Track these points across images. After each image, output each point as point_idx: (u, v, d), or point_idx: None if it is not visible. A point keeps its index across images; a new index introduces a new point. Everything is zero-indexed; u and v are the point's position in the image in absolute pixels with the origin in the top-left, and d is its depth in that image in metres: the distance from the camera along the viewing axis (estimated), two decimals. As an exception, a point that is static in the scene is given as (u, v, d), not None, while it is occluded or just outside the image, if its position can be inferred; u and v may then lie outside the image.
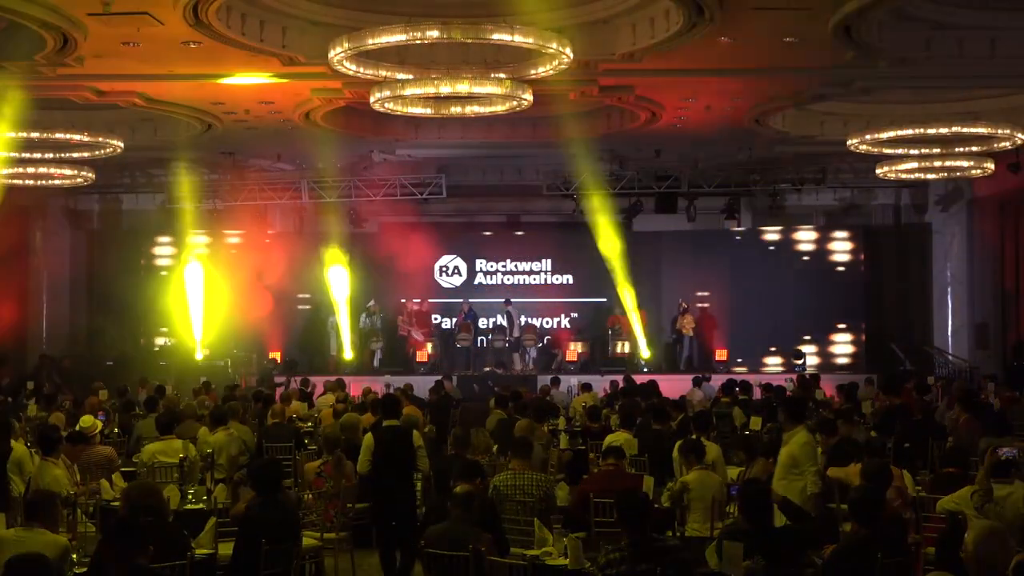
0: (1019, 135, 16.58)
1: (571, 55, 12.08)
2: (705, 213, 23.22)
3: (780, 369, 23.29)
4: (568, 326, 24.27)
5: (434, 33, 11.47)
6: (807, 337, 23.82)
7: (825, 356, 23.94)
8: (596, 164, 21.21)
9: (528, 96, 13.51)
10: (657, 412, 11.94)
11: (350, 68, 12.59)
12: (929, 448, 11.73)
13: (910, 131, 16.56)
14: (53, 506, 6.72)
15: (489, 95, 13.78)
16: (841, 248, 24.40)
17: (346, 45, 11.77)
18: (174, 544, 6.56)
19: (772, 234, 24.50)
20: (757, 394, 16.58)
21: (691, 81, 15.71)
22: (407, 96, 13.62)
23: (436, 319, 24.05)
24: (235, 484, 9.44)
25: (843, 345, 24.12)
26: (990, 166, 18.69)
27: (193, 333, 23.57)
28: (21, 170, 18.52)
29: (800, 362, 22.57)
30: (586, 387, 17.35)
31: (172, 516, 7.86)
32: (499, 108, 14.32)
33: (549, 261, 24.94)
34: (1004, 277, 22.56)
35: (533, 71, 12.89)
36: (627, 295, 22.83)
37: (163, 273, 24.55)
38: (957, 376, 20.97)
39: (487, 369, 21.68)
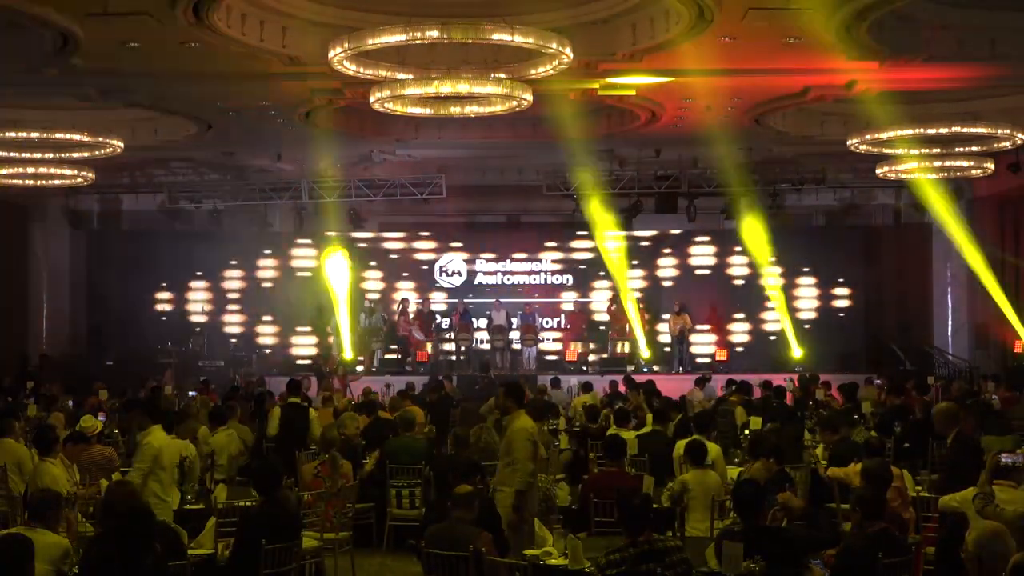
0: (1019, 135, 16.57)
1: (571, 55, 12.07)
2: (705, 213, 23.22)
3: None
4: (568, 325, 24.32)
5: (434, 33, 11.47)
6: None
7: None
8: (596, 164, 21.21)
9: (528, 96, 13.50)
10: (657, 412, 11.94)
11: (350, 68, 12.58)
12: (929, 448, 11.72)
13: (910, 131, 16.56)
14: (57, 506, 6.71)
15: (489, 95, 13.78)
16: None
17: (346, 45, 11.77)
18: (171, 545, 6.56)
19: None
20: (757, 394, 16.56)
21: (691, 81, 15.70)
22: (407, 96, 13.61)
23: (436, 319, 24.06)
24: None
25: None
26: (990, 166, 18.68)
27: (193, 332, 23.63)
28: (21, 170, 18.53)
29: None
30: (586, 387, 17.32)
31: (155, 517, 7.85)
32: (499, 108, 14.31)
33: (549, 261, 24.98)
34: (1004, 277, 22.55)
35: (533, 71, 12.88)
36: (626, 294, 22.90)
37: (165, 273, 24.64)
38: (957, 376, 20.96)
39: (474, 373, 21.65)
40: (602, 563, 6.17)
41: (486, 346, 23.38)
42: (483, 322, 23.93)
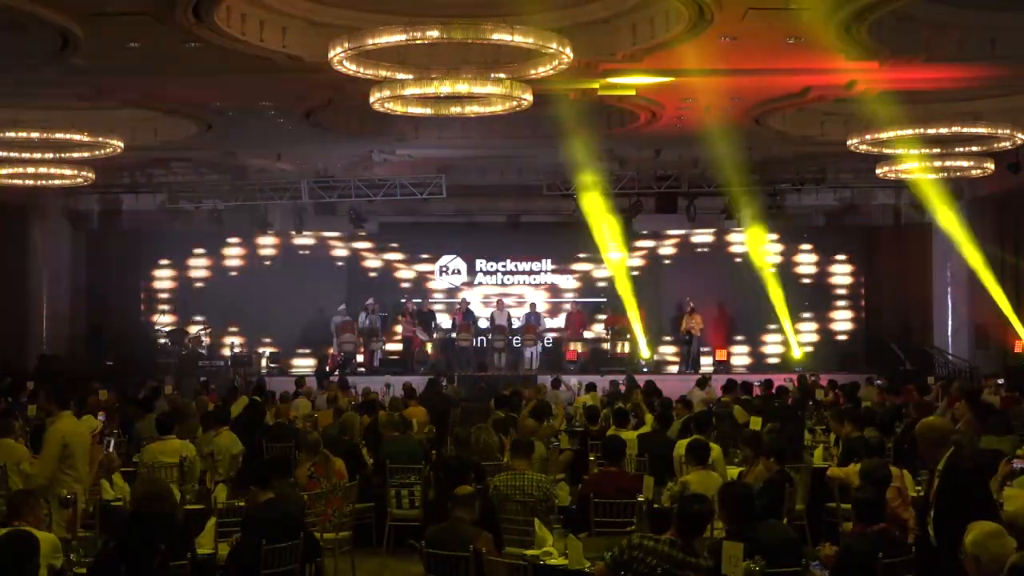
0: (1019, 135, 16.57)
1: (571, 55, 12.07)
2: (705, 213, 23.23)
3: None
4: (567, 325, 24.32)
5: (434, 33, 11.47)
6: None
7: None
8: (596, 164, 21.22)
9: (528, 96, 13.50)
10: (659, 413, 11.93)
11: (350, 68, 12.58)
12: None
13: (910, 131, 16.55)
14: (29, 502, 6.72)
15: (489, 95, 13.78)
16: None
17: (346, 45, 11.77)
18: (183, 542, 6.57)
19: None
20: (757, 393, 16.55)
21: (691, 81, 15.70)
22: (407, 96, 13.62)
23: (435, 319, 24.07)
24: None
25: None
26: (990, 166, 18.68)
27: (193, 333, 23.62)
28: (21, 170, 18.52)
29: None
30: (589, 387, 17.27)
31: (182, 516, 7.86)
32: (499, 108, 14.31)
33: (549, 261, 24.99)
34: (1004, 277, 22.54)
35: (533, 71, 12.88)
36: (627, 295, 22.92)
37: (164, 273, 24.65)
38: (957, 376, 20.96)
39: (471, 373, 21.64)
40: (624, 545, 6.05)
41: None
42: (483, 323, 23.94)
